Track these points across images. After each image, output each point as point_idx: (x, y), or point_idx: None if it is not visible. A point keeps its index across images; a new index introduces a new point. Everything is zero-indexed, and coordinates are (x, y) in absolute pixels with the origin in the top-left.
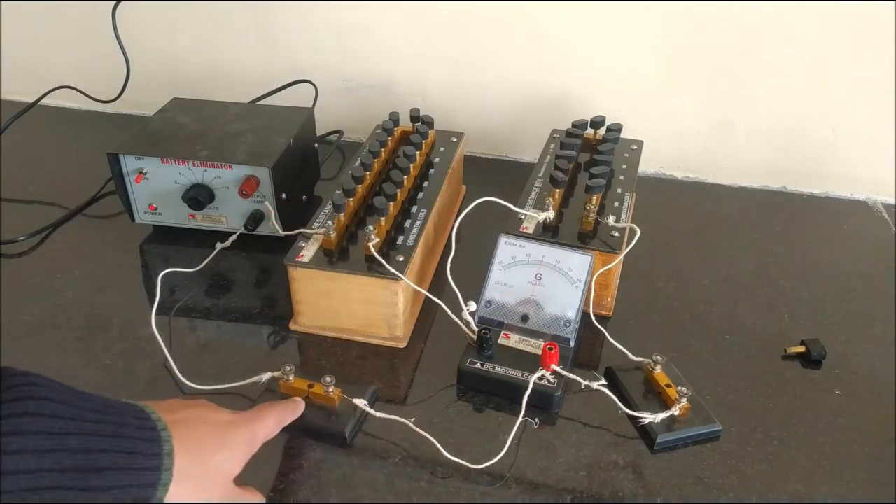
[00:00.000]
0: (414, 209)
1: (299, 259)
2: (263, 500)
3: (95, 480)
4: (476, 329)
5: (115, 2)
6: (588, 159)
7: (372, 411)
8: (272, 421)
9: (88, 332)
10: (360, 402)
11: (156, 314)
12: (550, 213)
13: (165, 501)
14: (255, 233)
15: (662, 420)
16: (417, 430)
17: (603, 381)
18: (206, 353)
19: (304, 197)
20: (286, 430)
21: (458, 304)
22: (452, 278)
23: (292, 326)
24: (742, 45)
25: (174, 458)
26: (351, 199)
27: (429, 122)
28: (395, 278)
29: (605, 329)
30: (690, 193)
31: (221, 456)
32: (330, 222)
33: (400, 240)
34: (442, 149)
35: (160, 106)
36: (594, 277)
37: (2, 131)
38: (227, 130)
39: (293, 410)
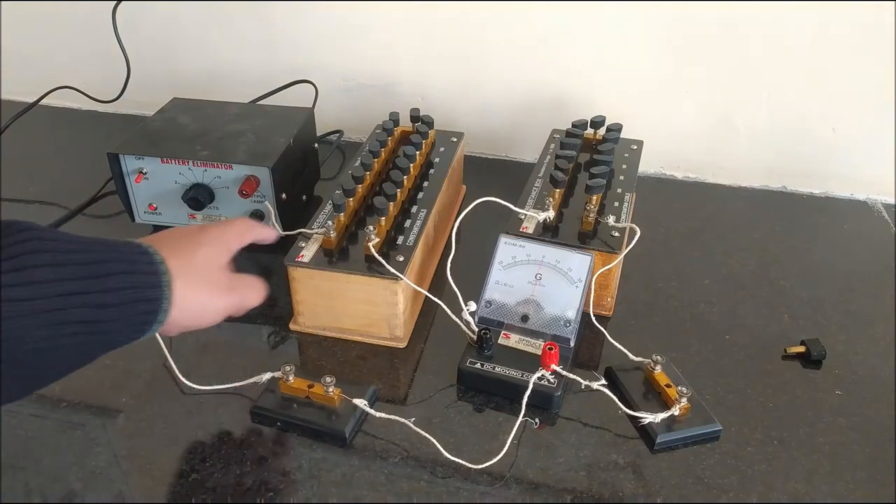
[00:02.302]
0: (414, 209)
1: (299, 259)
2: (262, 286)
3: (107, 283)
4: (476, 329)
5: (115, 2)
6: (588, 159)
7: (372, 411)
8: (242, 226)
9: None
10: (360, 402)
11: None
12: (550, 213)
13: (173, 296)
14: None
15: (662, 420)
16: (417, 430)
17: (603, 381)
18: (206, 353)
19: (304, 197)
20: (286, 430)
21: (458, 304)
22: (452, 278)
23: (292, 326)
24: (742, 45)
25: (166, 261)
26: (351, 199)
27: (429, 122)
28: (395, 278)
29: (605, 329)
30: (690, 193)
31: (198, 248)
32: (330, 222)
33: (400, 240)
34: (442, 149)
35: (160, 106)
36: (594, 277)
37: (2, 131)
38: (227, 130)
39: (263, 230)
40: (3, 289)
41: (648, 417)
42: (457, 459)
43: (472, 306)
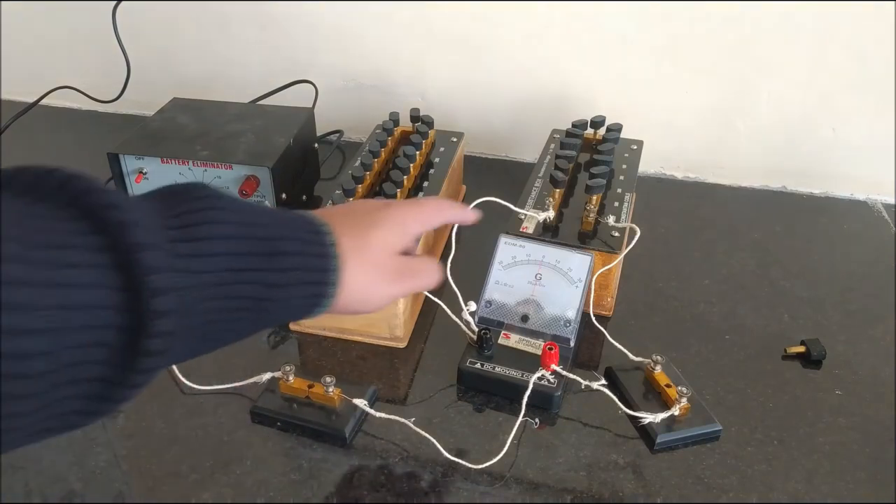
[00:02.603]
0: None
1: None
2: (436, 270)
3: (280, 262)
4: (476, 329)
5: (115, 2)
6: (588, 159)
7: (372, 411)
8: (430, 208)
9: None
10: (360, 402)
11: None
12: (550, 213)
13: (342, 280)
14: None
15: (662, 420)
16: (417, 430)
17: (603, 381)
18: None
19: (304, 197)
20: (286, 429)
21: (458, 304)
22: (452, 278)
23: (292, 326)
24: (742, 45)
25: (339, 240)
26: (351, 198)
27: (429, 122)
28: None
29: (605, 329)
30: (690, 193)
31: (374, 229)
32: None
33: None
34: (442, 149)
35: (160, 106)
36: (594, 277)
37: (2, 131)
38: (227, 130)
39: (460, 210)
40: (180, 258)
41: (648, 417)
42: (457, 459)
43: (472, 306)
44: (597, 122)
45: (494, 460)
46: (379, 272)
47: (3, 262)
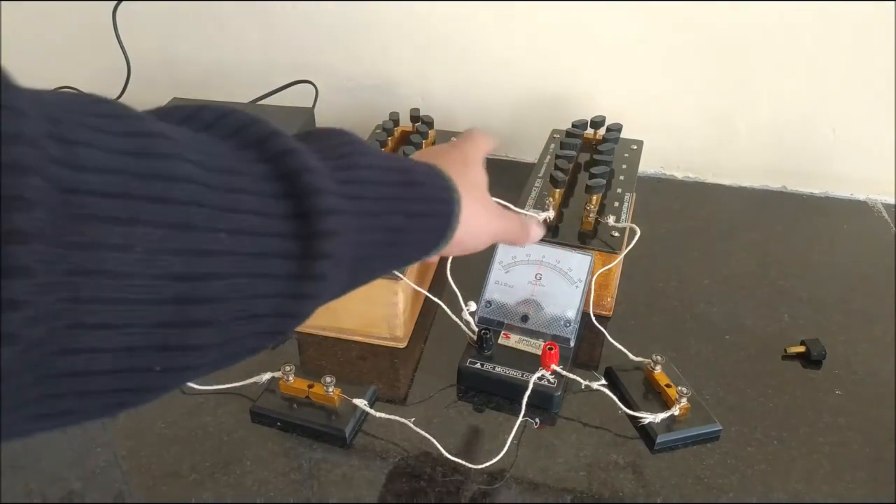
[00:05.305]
0: None
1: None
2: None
3: (418, 191)
4: (476, 329)
5: (115, 2)
6: (588, 159)
7: (372, 411)
8: (480, 138)
9: None
10: (360, 402)
11: None
12: (550, 213)
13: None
14: None
15: (662, 420)
16: (417, 430)
17: (603, 381)
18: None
19: None
20: (286, 429)
21: (458, 304)
22: (452, 278)
23: None
24: (742, 44)
25: (449, 175)
26: None
27: (429, 122)
28: (395, 278)
29: (605, 329)
30: (690, 193)
31: (472, 171)
32: None
33: None
34: None
35: (160, 106)
36: (594, 277)
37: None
38: None
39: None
40: (341, 185)
41: (648, 417)
42: (457, 459)
43: (472, 306)
44: (597, 122)
45: (494, 460)
46: (486, 207)
47: (185, 181)
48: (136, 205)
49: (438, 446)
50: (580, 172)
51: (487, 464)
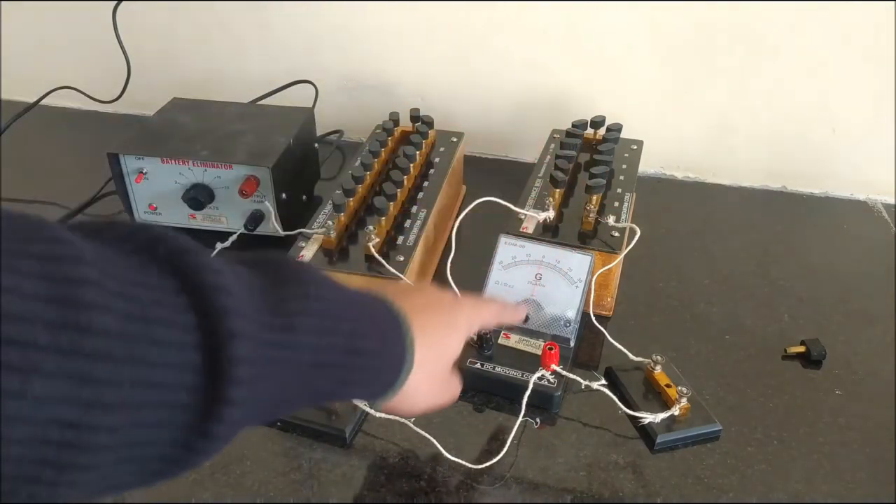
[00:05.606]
0: (414, 209)
1: (299, 259)
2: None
3: (356, 361)
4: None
5: (115, 2)
6: (588, 159)
7: (372, 411)
8: (491, 313)
9: None
10: (360, 402)
11: None
12: (550, 213)
13: (403, 387)
14: (255, 233)
15: (662, 420)
16: (417, 430)
17: (603, 381)
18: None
19: (304, 197)
20: (286, 429)
21: None
22: (452, 278)
23: None
24: (743, 45)
25: (414, 347)
26: (351, 199)
27: (429, 122)
28: (396, 278)
29: (605, 329)
30: (690, 193)
31: (448, 340)
32: (330, 222)
33: (400, 240)
34: (442, 149)
35: (160, 106)
36: (594, 277)
37: (2, 132)
38: (227, 130)
39: (513, 313)
40: (269, 347)
41: (648, 417)
42: (457, 459)
43: None
44: (597, 122)
45: (494, 460)
46: (430, 385)
47: (99, 335)
48: (38, 356)
49: (438, 446)
50: (580, 172)
51: (487, 464)
